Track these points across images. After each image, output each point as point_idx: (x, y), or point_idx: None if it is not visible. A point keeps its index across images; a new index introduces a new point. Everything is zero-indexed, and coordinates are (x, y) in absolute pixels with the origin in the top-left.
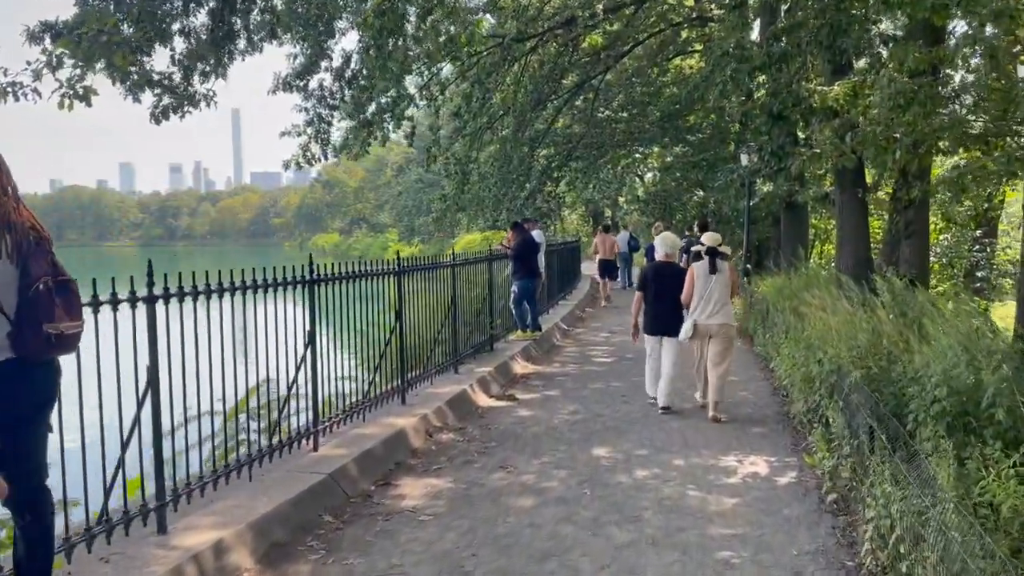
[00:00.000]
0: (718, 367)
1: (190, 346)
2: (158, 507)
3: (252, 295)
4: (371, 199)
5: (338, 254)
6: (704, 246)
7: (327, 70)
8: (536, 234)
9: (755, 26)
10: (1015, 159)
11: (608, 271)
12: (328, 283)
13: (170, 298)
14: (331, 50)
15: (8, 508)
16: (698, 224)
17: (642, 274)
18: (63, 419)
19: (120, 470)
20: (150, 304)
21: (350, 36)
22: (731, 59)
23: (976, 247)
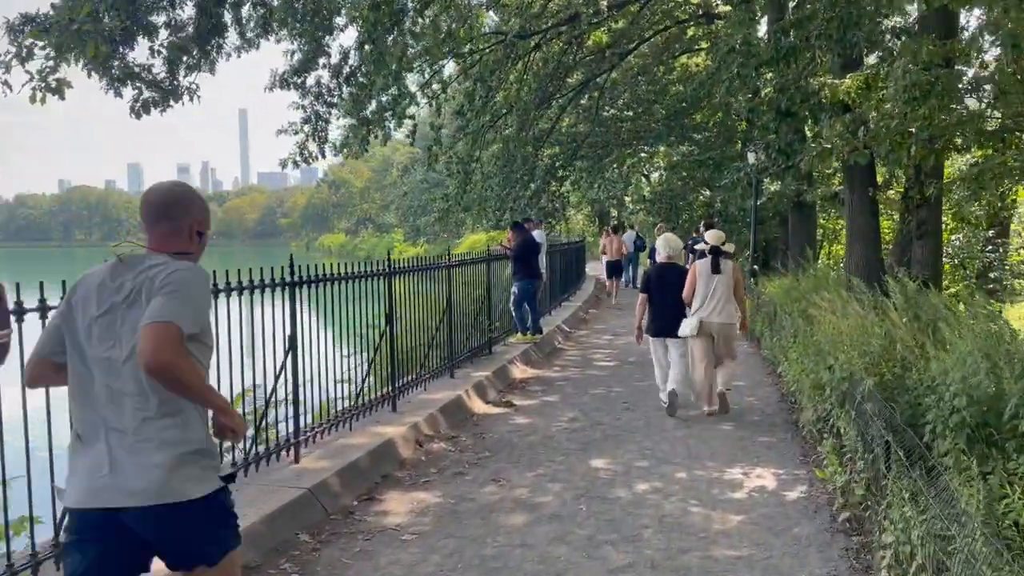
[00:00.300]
0: (722, 367)
1: None
2: None
3: (226, 298)
4: (377, 199)
5: (344, 254)
6: (708, 245)
7: (325, 67)
8: (537, 234)
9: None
10: None
11: (616, 272)
12: (311, 285)
13: None
14: (329, 46)
15: None
16: (704, 225)
17: (645, 276)
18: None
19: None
20: None
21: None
22: (738, 55)
23: (988, 247)
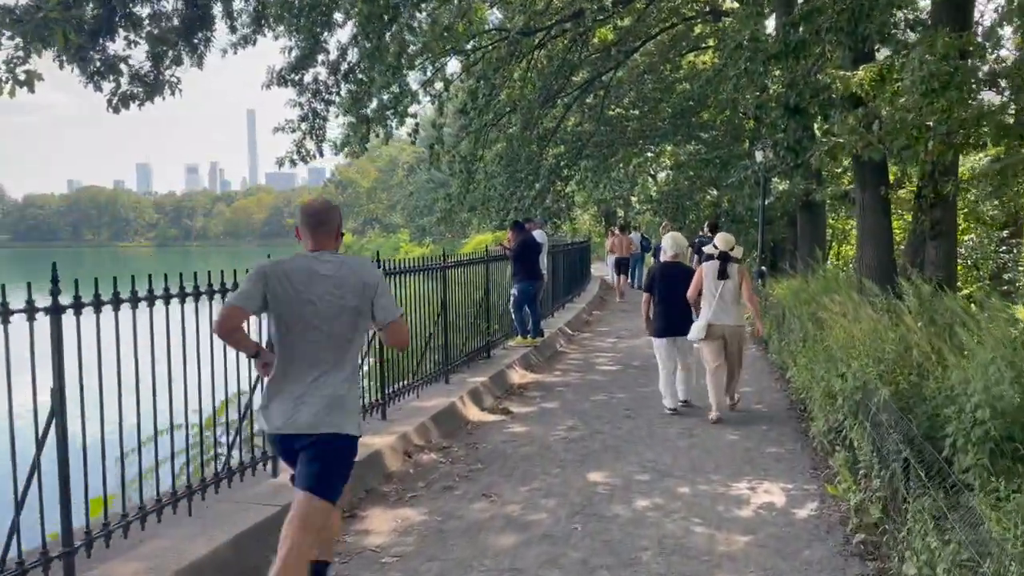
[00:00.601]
0: (730, 370)
1: (128, 362)
2: (64, 554)
3: (194, 303)
4: (384, 199)
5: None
6: (717, 249)
7: (323, 64)
8: (538, 234)
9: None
10: None
11: (624, 270)
12: None
13: (82, 308)
14: (327, 43)
15: None
16: (708, 225)
17: (650, 274)
18: None
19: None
20: (54, 315)
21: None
22: (745, 51)
23: (1003, 248)
